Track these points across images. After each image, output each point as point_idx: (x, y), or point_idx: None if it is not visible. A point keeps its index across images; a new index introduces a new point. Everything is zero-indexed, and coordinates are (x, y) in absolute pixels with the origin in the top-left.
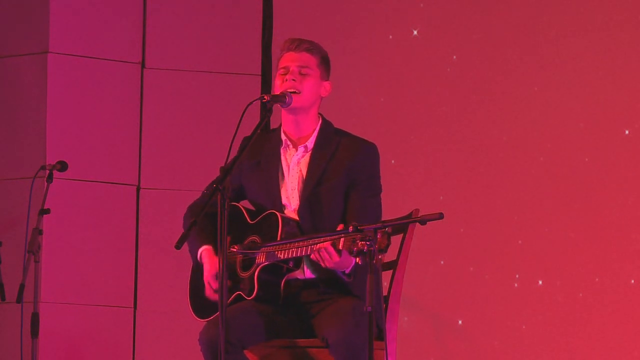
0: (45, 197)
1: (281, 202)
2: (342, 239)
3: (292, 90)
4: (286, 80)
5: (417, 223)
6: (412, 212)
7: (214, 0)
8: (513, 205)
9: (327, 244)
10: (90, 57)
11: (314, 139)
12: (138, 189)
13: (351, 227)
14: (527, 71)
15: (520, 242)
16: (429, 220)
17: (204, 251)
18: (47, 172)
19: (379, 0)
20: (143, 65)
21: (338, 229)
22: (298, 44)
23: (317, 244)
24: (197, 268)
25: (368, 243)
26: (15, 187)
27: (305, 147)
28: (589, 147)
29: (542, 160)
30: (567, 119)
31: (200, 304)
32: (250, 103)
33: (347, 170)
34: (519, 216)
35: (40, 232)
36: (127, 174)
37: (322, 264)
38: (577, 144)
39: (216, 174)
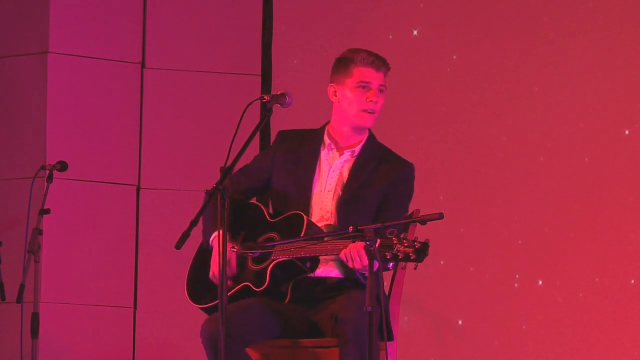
0: (45, 197)
1: (311, 200)
2: (378, 242)
3: (372, 111)
4: (370, 100)
5: (417, 223)
6: (412, 212)
7: (214, 0)
8: (513, 205)
9: (360, 246)
10: (90, 57)
11: (361, 147)
12: (138, 189)
13: (351, 227)
14: (527, 71)
15: (520, 242)
16: (429, 220)
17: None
18: (47, 172)
19: (379, 0)
20: (143, 65)
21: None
22: (380, 64)
23: (318, 242)
24: (202, 253)
25: (368, 243)
26: (15, 187)
27: (352, 152)
28: (589, 147)
29: (542, 160)
30: (567, 119)
31: (197, 290)
32: (250, 103)
33: (388, 184)
34: (519, 216)
35: (40, 232)
36: (127, 174)
37: (350, 264)
38: (577, 144)
39: (216, 173)
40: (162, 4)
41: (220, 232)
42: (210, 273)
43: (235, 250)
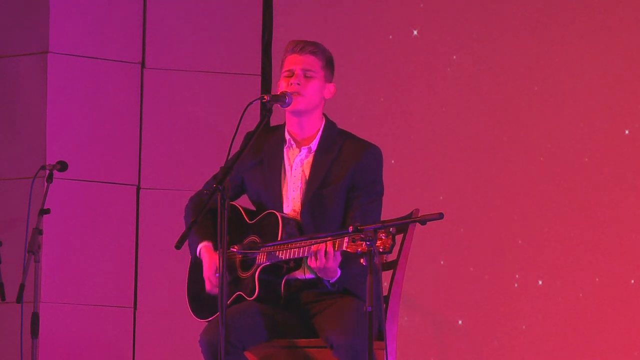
0: (45, 197)
1: (282, 200)
2: (345, 240)
3: (296, 92)
4: (291, 83)
5: (417, 223)
6: (412, 212)
7: (214, 0)
8: (513, 205)
9: (329, 245)
10: (90, 57)
11: (317, 141)
12: (138, 189)
13: (351, 227)
14: (527, 71)
15: (520, 242)
16: (429, 220)
17: (203, 247)
18: (47, 172)
19: (379, 0)
20: (143, 65)
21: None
22: (302, 47)
23: (317, 243)
24: (195, 267)
25: (368, 243)
26: (15, 187)
27: (309, 148)
28: (589, 147)
29: (542, 160)
30: (567, 119)
31: (200, 304)
32: (250, 103)
33: (351, 174)
34: (519, 216)
35: (40, 232)
36: (127, 174)
37: (314, 263)
38: (577, 144)
39: (218, 171)
40: (162, 4)
41: (220, 232)
42: (208, 285)
43: (235, 250)
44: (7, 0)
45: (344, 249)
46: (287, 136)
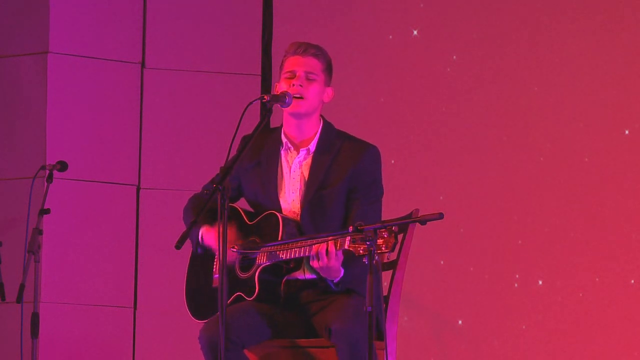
0: (45, 197)
1: (279, 203)
2: (347, 239)
3: (298, 95)
4: (293, 85)
5: (417, 223)
6: (412, 212)
7: (214, 0)
8: (513, 205)
9: (331, 245)
10: (90, 57)
11: (316, 142)
12: (138, 189)
13: (351, 227)
14: (527, 71)
15: (520, 242)
16: (429, 220)
17: (204, 230)
18: (47, 172)
19: (379, 0)
20: (143, 65)
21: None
22: (305, 49)
23: (318, 243)
24: (194, 266)
25: (368, 243)
26: (15, 187)
27: (308, 150)
28: (589, 147)
29: (542, 160)
30: (567, 119)
31: (198, 305)
32: (250, 103)
33: (350, 175)
34: (519, 216)
35: (40, 232)
36: (127, 174)
37: (316, 263)
38: (577, 144)
39: (216, 173)
40: (162, 4)
41: (221, 232)
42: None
43: (235, 250)
44: (7, 0)
45: (346, 247)
46: (283, 139)
